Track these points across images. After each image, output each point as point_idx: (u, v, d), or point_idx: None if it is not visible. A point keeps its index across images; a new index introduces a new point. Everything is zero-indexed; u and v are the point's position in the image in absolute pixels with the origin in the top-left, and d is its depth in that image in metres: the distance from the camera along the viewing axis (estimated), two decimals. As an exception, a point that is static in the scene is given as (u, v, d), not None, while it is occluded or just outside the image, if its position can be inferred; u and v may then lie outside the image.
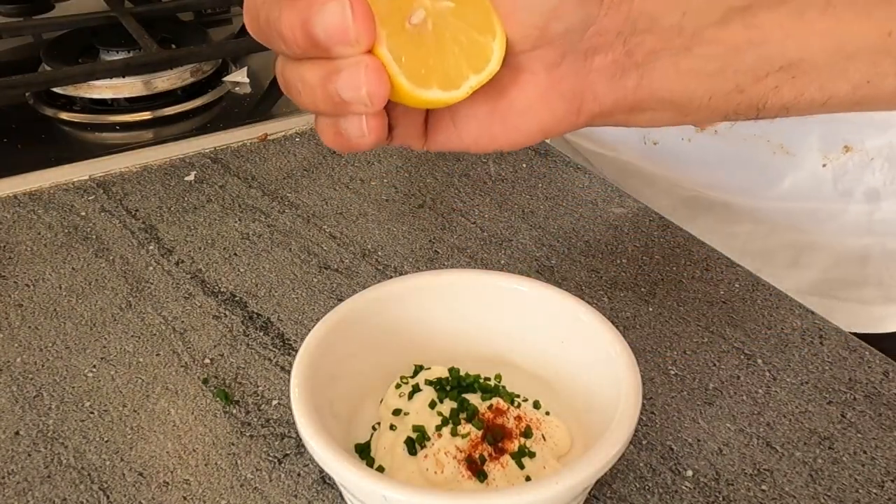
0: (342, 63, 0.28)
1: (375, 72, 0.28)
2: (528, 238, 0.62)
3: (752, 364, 0.51)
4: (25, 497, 0.41)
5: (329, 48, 0.27)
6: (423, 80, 0.30)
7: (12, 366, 0.49)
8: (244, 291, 0.56)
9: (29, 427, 0.45)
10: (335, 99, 0.28)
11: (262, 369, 0.49)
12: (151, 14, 0.90)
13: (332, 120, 0.30)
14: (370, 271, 0.58)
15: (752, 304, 0.55)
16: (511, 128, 0.33)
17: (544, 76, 0.32)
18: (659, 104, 0.33)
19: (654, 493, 0.42)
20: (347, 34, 0.27)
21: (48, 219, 0.62)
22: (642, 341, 0.52)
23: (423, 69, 0.30)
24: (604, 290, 0.57)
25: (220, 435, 0.45)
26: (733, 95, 0.33)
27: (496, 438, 0.40)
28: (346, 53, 0.28)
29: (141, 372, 0.49)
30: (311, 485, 0.42)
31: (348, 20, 0.27)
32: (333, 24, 0.27)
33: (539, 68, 0.32)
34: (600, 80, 0.33)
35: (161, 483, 0.42)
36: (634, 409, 0.37)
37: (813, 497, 0.42)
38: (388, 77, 0.28)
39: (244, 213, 0.64)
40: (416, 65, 0.30)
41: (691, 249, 0.61)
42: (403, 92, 0.30)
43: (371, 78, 0.28)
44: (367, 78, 0.28)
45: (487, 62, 0.31)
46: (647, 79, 0.32)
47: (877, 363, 0.51)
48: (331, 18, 0.27)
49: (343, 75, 0.28)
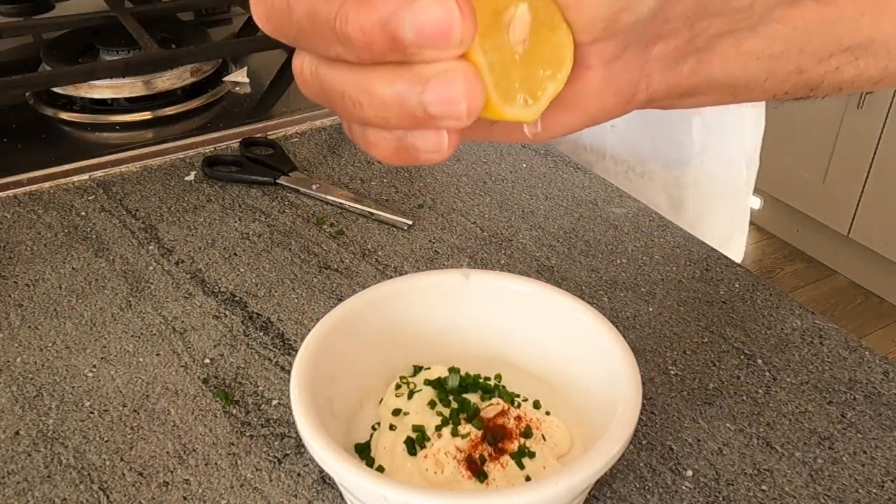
0: (430, 70, 0.23)
1: (475, 80, 0.23)
2: (528, 238, 0.62)
3: (752, 364, 0.50)
4: (25, 497, 0.41)
5: (416, 52, 0.22)
6: (510, 93, 0.25)
7: (12, 366, 0.49)
8: (244, 291, 0.56)
9: (29, 427, 0.45)
10: (418, 113, 0.23)
11: (262, 369, 0.49)
12: (151, 14, 0.90)
13: (396, 134, 0.25)
14: (370, 271, 0.58)
15: (752, 304, 0.55)
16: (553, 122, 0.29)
17: (601, 71, 0.28)
18: (712, 87, 0.31)
19: (654, 493, 0.42)
20: (450, 35, 0.22)
21: (48, 219, 0.62)
22: (642, 341, 0.52)
23: (511, 80, 0.25)
24: (604, 290, 0.57)
25: (220, 435, 0.45)
26: (792, 76, 0.30)
27: (496, 438, 0.40)
28: (438, 57, 0.22)
29: (141, 372, 0.49)
30: (311, 485, 0.42)
31: (454, 16, 0.21)
32: (432, 21, 0.21)
33: (596, 62, 0.28)
34: (657, 69, 0.29)
35: (161, 483, 0.42)
36: (634, 409, 0.37)
37: (813, 497, 0.42)
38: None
39: (244, 213, 0.64)
40: (504, 75, 0.25)
41: (691, 249, 0.61)
42: (489, 106, 0.24)
43: (472, 89, 0.23)
44: (468, 88, 0.23)
45: (562, 65, 0.27)
46: (706, 63, 0.30)
47: (877, 363, 0.51)
48: (430, 14, 0.21)
49: (434, 86, 0.23)
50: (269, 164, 0.68)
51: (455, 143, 0.25)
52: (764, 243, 2.31)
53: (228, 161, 0.70)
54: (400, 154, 0.25)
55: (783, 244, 2.30)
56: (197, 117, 0.79)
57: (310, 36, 0.23)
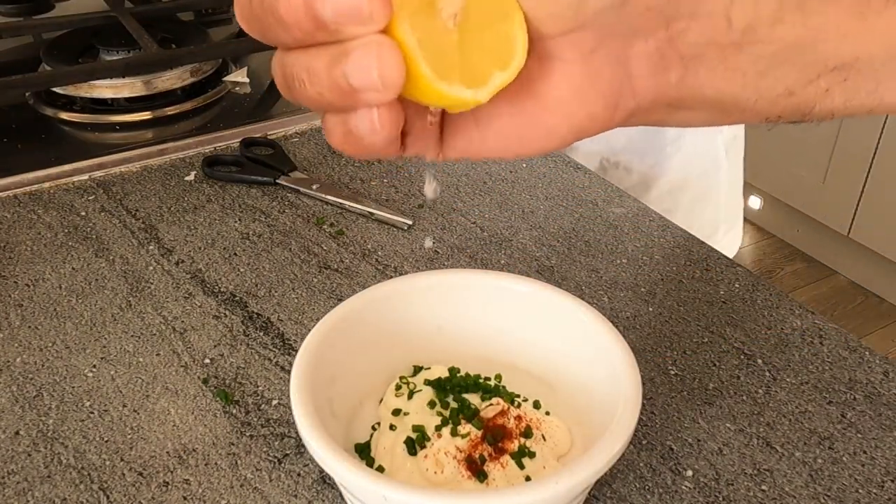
0: (352, 44, 0.25)
1: (389, 50, 0.24)
2: (528, 238, 0.62)
3: (752, 364, 0.50)
4: (25, 497, 0.41)
5: (339, 28, 0.24)
6: (446, 72, 0.25)
7: (12, 366, 0.49)
8: (244, 291, 0.56)
9: (29, 427, 0.45)
10: (343, 86, 0.25)
11: (262, 369, 0.49)
12: (151, 14, 0.89)
13: (340, 117, 0.27)
14: (370, 271, 0.58)
15: (752, 304, 0.55)
16: (541, 129, 0.30)
17: (579, 65, 0.28)
18: (701, 103, 0.31)
19: (654, 493, 0.42)
20: (360, 11, 0.24)
21: (48, 219, 0.62)
22: (642, 341, 0.52)
23: (447, 59, 0.25)
24: (604, 290, 0.57)
25: (220, 435, 0.45)
26: (782, 98, 0.30)
27: (496, 438, 0.40)
28: (357, 33, 0.24)
29: (141, 372, 0.49)
30: (311, 485, 0.42)
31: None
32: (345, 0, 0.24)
33: (573, 56, 0.28)
34: (641, 71, 0.29)
35: (161, 483, 0.42)
36: (634, 409, 0.37)
37: (813, 497, 0.42)
38: (406, 61, 0.24)
39: (244, 213, 0.64)
40: (438, 53, 0.25)
41: (691, 249, 0.61)
42: (423, 83, 0.25)
43: (385, 58, 0.24)
44: (381, 58, 0.24)
45: (513, 55, 0.27)
46: (693, 74, 0.30)
47: (877, 363, 0.51)
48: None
49: (352, 57, 0.24)
50: (269, 164, 0.68)
51: (388, 123, 0.26)
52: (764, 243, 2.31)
53: (228, 161, 0.70)
54: (348, 139, 0.27)
55: (783, 244, 2.29)
56: (197, 117, 0.79)
57: (264, 25, 0.26)
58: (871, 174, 1.94)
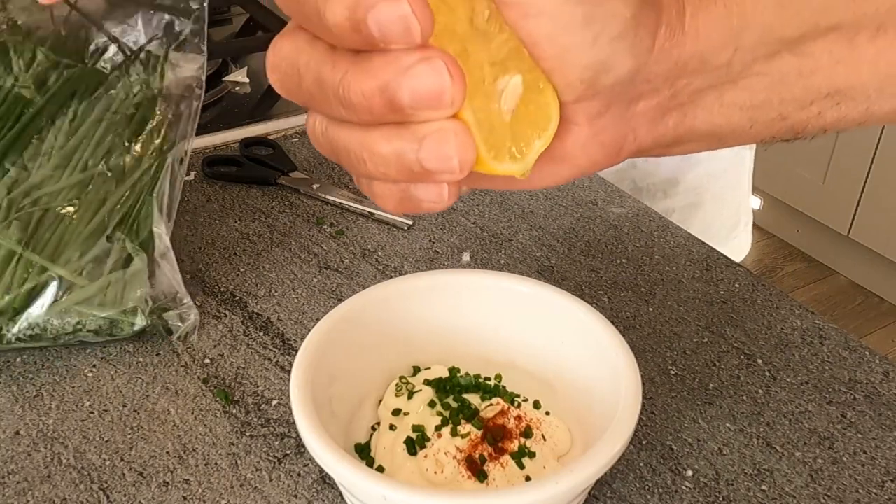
0: (424, 129, 0.25)
1: (465, 136, 0.25)
2: (528, 238, 0.62)
3: (752, 364, 0.51)
4: (25, 497, 0.41)
5: (412, 113, 0.24)
6: (498, 150, 0.27)
7: (12, 366, 0.49)
8: (244, 291, 0.56)
9: (29, 427, 0.45)
10: (415, 169, 0.25)
11: (262, 369, 0.49)
12: (151, 14, 0.89)
13: (400, 186, 0.27)
14: (370, 271, 0.58)
15: (752, 304, 0.55)
16: (545, 174, 0.31)
17: (586, 127, 0.30)
18: (699, 137, 0.32)
19: (654, 493, 0.42)
20: (443, 98, 0.24)
21: (48, 219, 0.62)
22: (642, 341, 0.52)
23: (498, 138, 0.27)
24: (604, 290, 0.57)
25: (220, 435, 0.45)
26: (776, 123, 0.32)
27: (496, 438, 0.40)
28: (431, 118, 0.24)
29: (141, 372, 0.49)
30: (311, 485, 0.42)
31: (445, 82, 0.24)
32: (427, 87, 0.24)
33: (581, 119, 0.29)
34: (642, 123, 0.31)
35: (161, 483, 0.42)
36: (634, 409, 0.37)
37: (813, 497, 0.42)
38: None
39: (244, 213, 0.64)
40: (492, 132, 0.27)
41: (691, 249, 0.61)
42: (482, 161, 0.26)
43: (463, 144, 0.25)
44: (459, 144, 0.25)
45: (549, 123, 0.28)
46: (690, 116, 0.31)
47: (877, 363, 0.51)
48: (424, 81, 0.23)
49: (428, 143, 0.25)
50: (269, 164, 0.68)
51: (455, 194, 0.27)
52: (764, 243, 2.31)
53: (228, 161, 0.70)
54: (403, 204, 0.27)
55: (783, 244, 2.29)
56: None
57: (318, 100, 0.26)
58: (871, 174, 1.94)
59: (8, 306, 0.46)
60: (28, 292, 0.47)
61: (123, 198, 0.50)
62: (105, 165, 0.50)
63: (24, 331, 0.47)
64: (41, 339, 0.47)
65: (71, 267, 0.47)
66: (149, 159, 0.51)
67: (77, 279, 0.47)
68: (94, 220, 0.49)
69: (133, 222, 0.50)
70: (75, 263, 0.48)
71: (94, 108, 0.52)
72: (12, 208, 0.48)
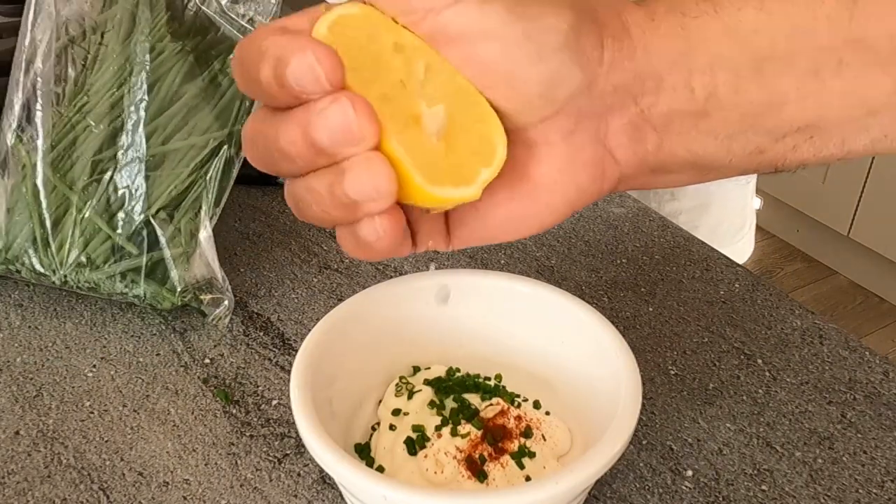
0: (348, 163, 0.27)
1: (379, 162, 0.27)
2: (528, 238, 0.62)
3: (752, 364, 0.51)
4: (25, 497, 0.41)
5: (335, 152, 0.27)
6: (437, 177, 0.29)
7: (12, 366, 0.49)
8: (244, 291, 0.56)
9: (29, 427, 0.45)
10: (344, 201, 0.27)
11: (262, 369, 0.49)
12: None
13: (349, 229, 0.29)
14: (370, 271, 0.58)
15: (752, 304, 0.55)
16: (540, 207, 0.32)
17: (562, 146, 0.31)
18: (680, 166, 0.33)
19: (654, 493, 0.42)
20: (352, 132, 0.26)
21: (48, 219, 0.62)
22: (642, 341, 0.52)
23: (436, 166, 0.29)
24: (604, 290, 0.57)
25: (220, 435, 0.45)
26: (754, 156, 0.32)
27: (496, 438, 0.40)
28: (352, 153, 0.27)
29: (141, 372, 0.49)
30: (311, 485, 0.42)
31: (350, 117, 0.26)
32: (336, 124, 0.26)
33: (555, 138, 0.31)
34: (620, 142, 0.32)
35: (161, 483, 0.42)
36: (634, 409, 0.37)
37: (813, 497, 0.42)
38: (398, 172, 0.28)
39: (244, 213, 0.64)
40: (427, 162, 0.29)
41: (691, 249, 0.61)
42: (417, 190, 0.28)
43: (375, 169, 0.27)
44: (372, 170, 0.27)
45: (494, 151, 0.30)
46: (668, 141, 0.32)
47: (877, 363, 0.51)
48: (333, 119, 0.26)
49: (349, 173, 0.27)
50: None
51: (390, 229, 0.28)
52: (764, 243, 2.31)
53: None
54: (359, 247, 0.29)
55: (783, 244, 2.30)
56: (197, 117, 0.79)
57: (272, 160, 0.28)
58: (871, 174, 1.94)
59: (74, 260, 0.51)
60: (87, 252, 0.51)
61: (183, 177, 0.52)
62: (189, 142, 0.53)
63: (84, 283, 0.51)
64: (97, 291, 0.52)
65: (125, 234, 0.51)
66: (214, 140, 0.53)
67: (130, 247, 0.51)
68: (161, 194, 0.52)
69: (188, 203, 0.52)
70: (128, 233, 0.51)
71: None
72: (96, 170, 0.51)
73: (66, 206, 0.51)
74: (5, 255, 0.51)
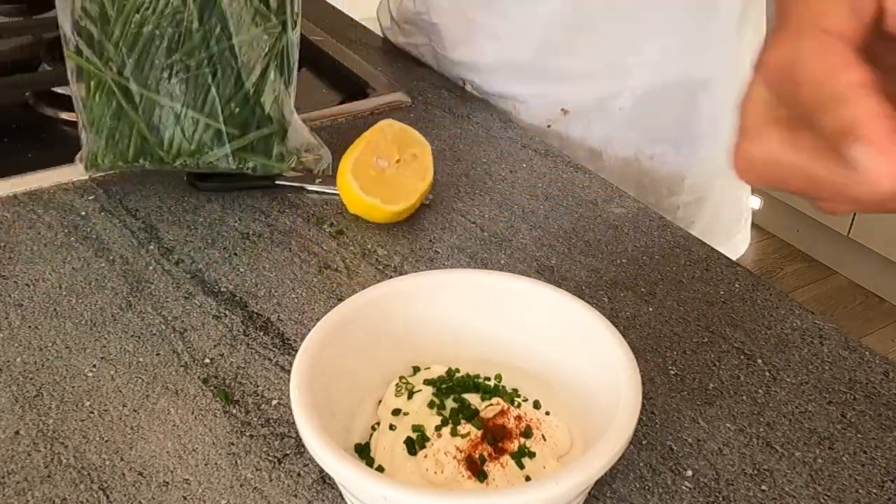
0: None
1: None
2: (528, 238, 0.62)
3: (752, 364, 0.51)
4: (25, 497, 0.41)
5: None
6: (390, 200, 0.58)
7: (12, 366, 0.49)
8: (244, 291, 0.56)
9: (29, 427, 0.45)
10: None
11: (262, 369, 0.49)
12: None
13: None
14: (370, 271, 0.58)
15: (752, 304, 0.55)
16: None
17: None
18: None
19: (654, 493, 0.42)
20: None
21: (48, 219, 0.62)
22: (642, 341, 0.52)
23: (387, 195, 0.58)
24: (604, 290, 0.57)
25: (220, 435, 0.45)
26: None
27: (496, 438, 0.40)
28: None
29: (141, 372, 0.49)
30: (311, 485, 0.42)
31: None
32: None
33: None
34: None
35: (161, 483, 0.42)
36: (634, 409, 0.37)
37: (813, 497, 0.42)
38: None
39: (244, 213, 0.64)
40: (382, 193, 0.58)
41: (691, 249, 0.61)
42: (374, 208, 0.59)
43: None
44: None
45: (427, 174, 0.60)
46: None
47: (877, 363, 0.51)
48: None
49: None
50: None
51: None
52: (764, 243, 2.31)
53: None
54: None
55: (783, 244, 2.30)
56: (197, 117, 0.79)
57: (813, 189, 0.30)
58: (871, 174, 1.93)
59: (186, 150, 0.61)
60: (199, 141, 0.61)
61: (256, 64, 0.60)
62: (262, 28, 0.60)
63: (204, 166, 0.62)
64: (216, 168, 0.62)
65: (229, 120, 0.60)
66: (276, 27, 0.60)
67: (233, 130, 0.60)
68: (244, 83, 0.60)
69: (267, 86, 0.61)
70: (231, 118, 0.60)
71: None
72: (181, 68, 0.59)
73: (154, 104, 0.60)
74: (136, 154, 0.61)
